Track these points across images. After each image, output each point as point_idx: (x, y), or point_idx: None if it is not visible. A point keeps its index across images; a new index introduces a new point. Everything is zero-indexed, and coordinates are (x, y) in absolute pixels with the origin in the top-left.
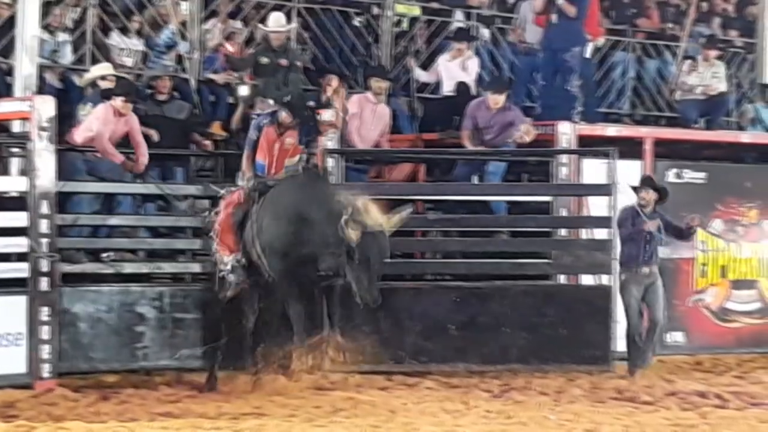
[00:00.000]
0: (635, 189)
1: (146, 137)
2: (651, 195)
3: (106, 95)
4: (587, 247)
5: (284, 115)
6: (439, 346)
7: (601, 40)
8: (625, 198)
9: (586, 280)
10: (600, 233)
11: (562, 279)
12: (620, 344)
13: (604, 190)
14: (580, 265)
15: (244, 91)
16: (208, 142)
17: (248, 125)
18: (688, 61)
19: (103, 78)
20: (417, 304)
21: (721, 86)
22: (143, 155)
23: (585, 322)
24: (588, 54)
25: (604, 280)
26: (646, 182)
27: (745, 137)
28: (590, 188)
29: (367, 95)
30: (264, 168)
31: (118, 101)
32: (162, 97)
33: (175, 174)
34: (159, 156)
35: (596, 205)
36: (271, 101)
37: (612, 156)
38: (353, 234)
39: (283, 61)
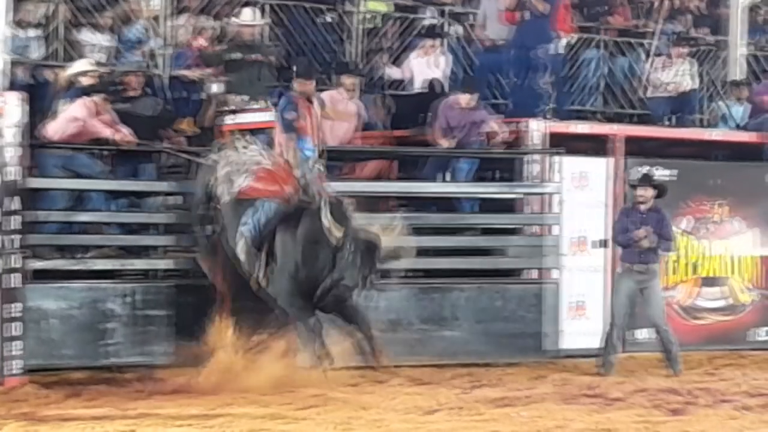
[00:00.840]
0: (633, 186)
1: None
2: (649, 192)
3: (87, 92)
4: (531, 244)
5: (300, 83)
6: (398, 342)
7: (571, 37)
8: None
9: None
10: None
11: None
12: (585, 340)
13: (548, 188)
14: (523, 261)
15: (215, 88)
16: (180, 139)
17: (218, 123)
18: (661, 58)
19: (83, 74)
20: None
21: (691, 83)
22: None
23: (522, 316)
24: (560, 50)
25: (554, 274)
26: (644, 179)
27: (715, 134)
28: (535, 186)
29: (338, 92)
30: (314, 151)
31: (98, 98)
32: (133, 94)
33: (145, 170)
34: (129, 152)
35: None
36: (244, 97)
37: (559, 154)
38: (336, 230)
39: (255, 57)
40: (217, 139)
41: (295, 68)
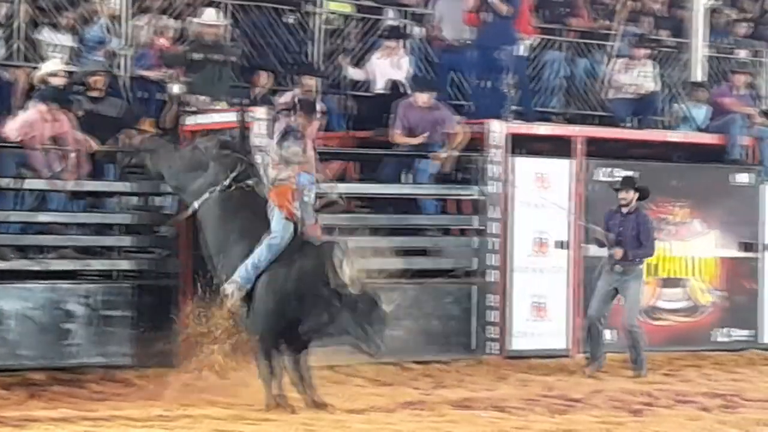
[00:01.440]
0: (616, 189)
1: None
2: (631, 195)
3: (44, 98)
4: (464, 245)
5: (303, 120)
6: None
7: (533, 39)
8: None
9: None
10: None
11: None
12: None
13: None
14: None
15: (175, 89)
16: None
17: (180, 124)
18: (622, 60)
19: (53, 75)
20: None
21: (652, 85)
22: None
23: (456, 315)
24: (523, 52)
25: (494, 275)
26: (626, 182)
27: (675, 136)
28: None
29: (296, 93)
30: (314, 180)
31: (52, 105)
32: (96, 94)
33: (107, 171)
34: (91, 153)
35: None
36: (206, 98)
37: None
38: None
39: (216, 57)
40: (180, 139)
41: (299, 104)
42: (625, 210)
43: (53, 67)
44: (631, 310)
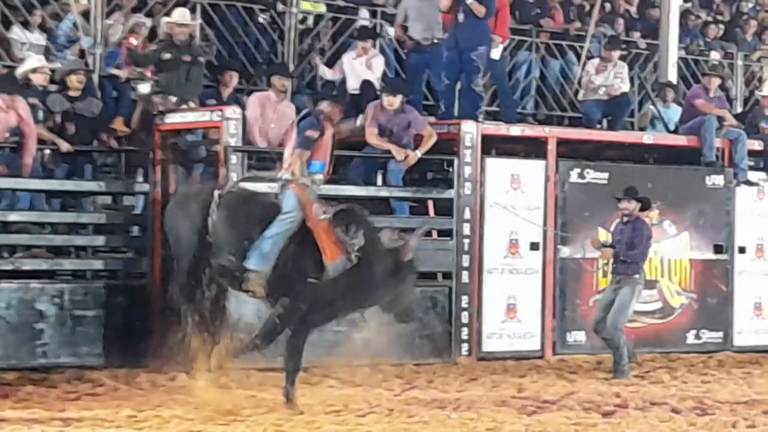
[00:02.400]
0: (618, 199)
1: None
2: (633, 204)
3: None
4: (433, 248)
5: (330, 108)
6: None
7: (507, 42)
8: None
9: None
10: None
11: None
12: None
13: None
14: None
15: (143, 89)
16: (121, 134)
17: (148, 124)
18: (594, 61)
19: (34, 71)
20: None
21: (624, 87)
22: (31, 149)
23: (428, 317)
24: (497, 56)
25: (464, 278)
26: (628, 192)
27: (647, 138)
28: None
29: (269, 93)
30: (324, 168)
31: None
32: (74, 93)
33: (84, 170)
34: (69, 152)
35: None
36: (173, 98)
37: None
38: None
39: (186, 57)
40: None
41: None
42: (626, 219)
43: (35, 63)
44: (615, 314)
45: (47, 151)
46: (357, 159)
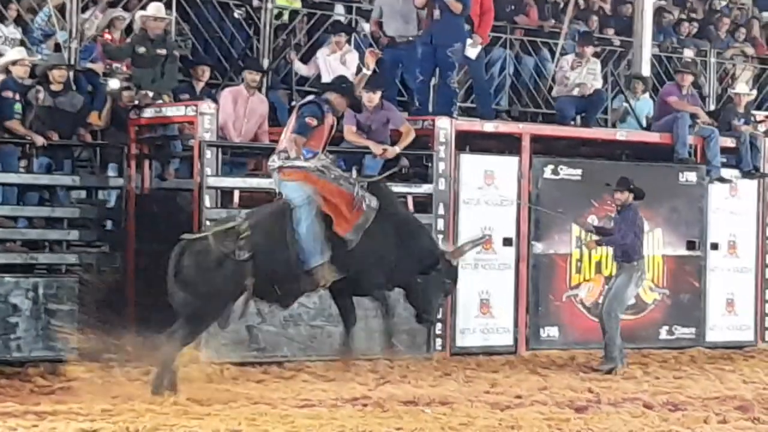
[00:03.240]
0: (613, 189)
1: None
2: (624, 195)
3: None
4: None
5: (337, 99)
6: (291, 337)
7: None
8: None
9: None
10: None
11: None
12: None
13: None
14: None
15: (113, 84)
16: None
17: (117, 119)
18: (569, 57)
19: (14, 63)
20: None
21: (597, 84)
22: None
23: (402, 312)
24: (474, 55)
25: None
26: (622, 183)
27: (620, 135)
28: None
29: (240, 88)
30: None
31: None
32: (56, 88)
33: (63, 165)
34: (49, 146)
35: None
36: (150, 93)
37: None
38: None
39: (161, 51)
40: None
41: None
42: (619, 209)
43: (16, 55)
44: (609, 301)
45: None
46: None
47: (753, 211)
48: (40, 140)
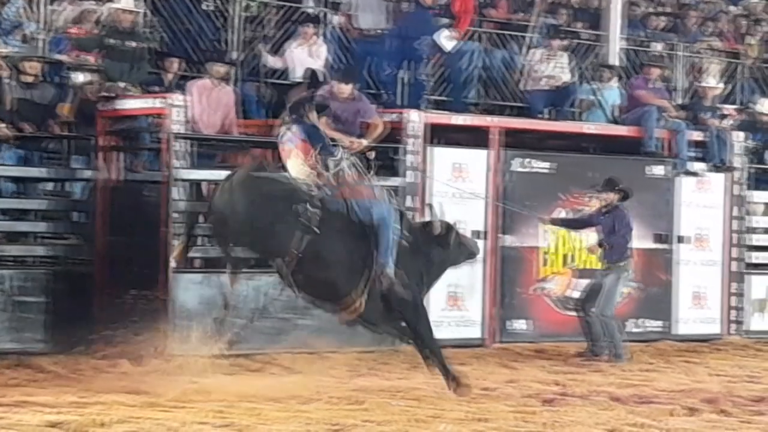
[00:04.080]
0: (598, 190)
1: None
2: (611, 196)
3: None
4: None
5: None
6: (260, 330)
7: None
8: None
9: None
10: None
11: None
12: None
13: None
14: None
15: (79, 78)
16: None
17: (84, 112)
18: (540, 50)
19: None
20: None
21: (567, 77)
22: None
23: None
24: (449, 47)
25: None
26: (607, 184)
27: (589, 128)
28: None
29: (206, 81)
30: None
31: None
32: (28, 80)
33: (35, 157)
34: (20, 138)
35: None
36: (122, 84)
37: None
38: None
39: (131, 44)
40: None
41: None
42: (604, 210)
43: None
44: (605, 301)
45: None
46: None
47: (721, 205)
48: (3, 131)
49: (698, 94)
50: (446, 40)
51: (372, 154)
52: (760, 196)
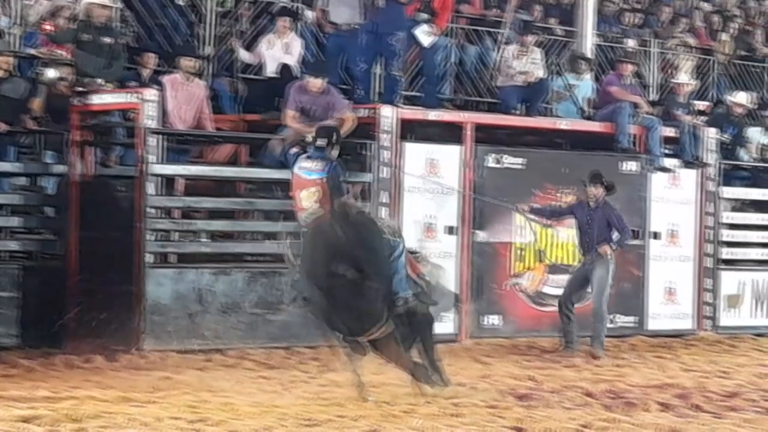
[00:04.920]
0: (584, 184)
1: None
2: (599, 190)
3: None
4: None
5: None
6: (232, 325)
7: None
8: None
9: None
10: None
11: None
12: None
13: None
14: None
15: (51, 73)
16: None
17: (56, 107)
18: (513, 47)
19: None
20: (215, 284)
21: (540, 73)
22: None
23: None
24: (428, 44)
25: None
26: (594, 178)
27: (563, 124)
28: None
29: (176, 75)
30: None
31: None
32: (1, 74)
33: (9, 152)
34: None
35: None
36: (99, 80)
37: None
38: None
39: (107, 39)
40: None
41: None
42: (593, 204)
43: None
44: (596, 297)
45: None
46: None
47: (693, 201)
48: None
49: (671, 90)
50: (424, 35)
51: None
52: (731, 192)
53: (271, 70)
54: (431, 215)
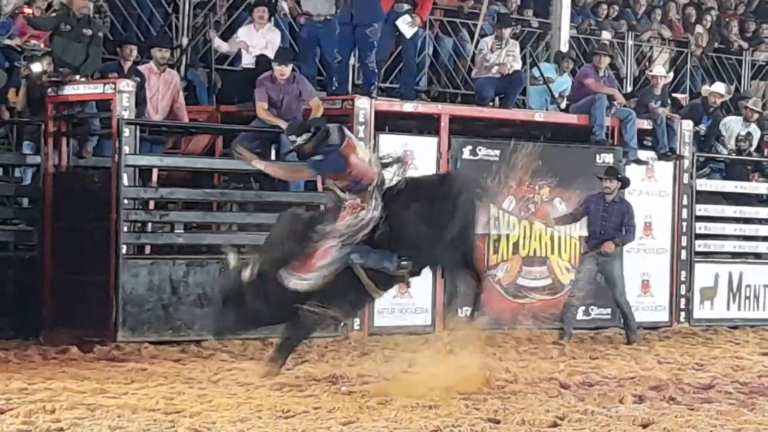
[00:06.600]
0: (600, 178)
1: None
2: (614, 184)
3: None
4: None
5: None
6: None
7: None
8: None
9: None
10: None
11: None
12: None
13: None
14: None
15: (36, 68)
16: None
17: (35, 101)
18: (489, 39)
19: None
20: (189, 275)
21: (516, 65)
22: None
23: None
24: (410, 34)
25: None
26: (610, 172)
27: (539, 116)
28: None
29: (150, 65)
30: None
31: None
32: None
33: None
34: None
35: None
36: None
37: None
38: None
39: (87, 31)
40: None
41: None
42: (609, 198)
43: None
44: (616, 288)
45: None
46: (246, 133)
47: (669, 193)
48: None
49: (647, 82)
50: (407, 26)
51: None
52: (707, 184)
53: (248, 61)
54: None
